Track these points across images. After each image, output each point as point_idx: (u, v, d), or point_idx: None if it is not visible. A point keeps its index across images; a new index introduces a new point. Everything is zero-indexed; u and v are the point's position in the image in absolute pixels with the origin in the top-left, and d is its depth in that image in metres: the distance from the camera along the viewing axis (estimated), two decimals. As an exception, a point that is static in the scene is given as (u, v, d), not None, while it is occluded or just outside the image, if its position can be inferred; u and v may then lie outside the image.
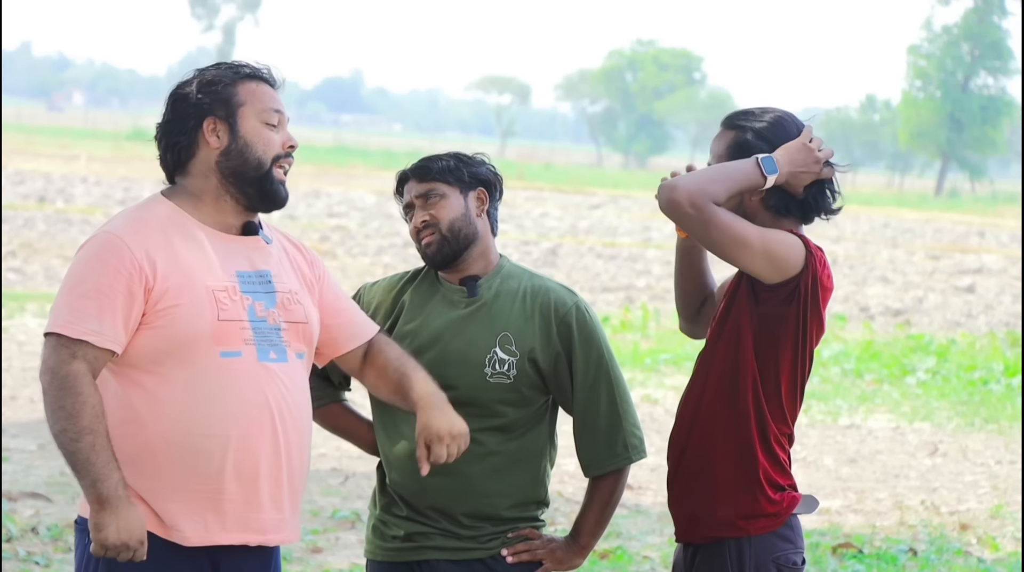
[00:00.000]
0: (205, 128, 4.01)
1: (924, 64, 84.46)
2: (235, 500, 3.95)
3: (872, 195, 74.56)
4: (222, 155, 4.00)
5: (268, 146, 4.04)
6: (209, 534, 3.94)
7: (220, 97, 4.01)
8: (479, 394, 4.45)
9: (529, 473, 4.52)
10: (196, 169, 4.03)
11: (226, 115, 4.01)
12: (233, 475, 3.92)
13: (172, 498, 3.91)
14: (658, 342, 18.01)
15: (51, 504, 9.08)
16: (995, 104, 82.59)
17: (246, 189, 4.02)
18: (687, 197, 4.17)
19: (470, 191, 4.53)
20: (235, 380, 3.92)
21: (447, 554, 4.49)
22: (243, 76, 4.05)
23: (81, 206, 31.80)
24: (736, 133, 4.38)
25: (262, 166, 4.02)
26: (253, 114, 4.03)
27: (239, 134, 4.01)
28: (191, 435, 3.89)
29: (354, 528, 8.96)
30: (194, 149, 4.02)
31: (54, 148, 57.00)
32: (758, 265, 4.22)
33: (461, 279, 4.54)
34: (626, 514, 9.69)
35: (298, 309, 4.07)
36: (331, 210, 34.01)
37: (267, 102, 4.05)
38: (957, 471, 11.91)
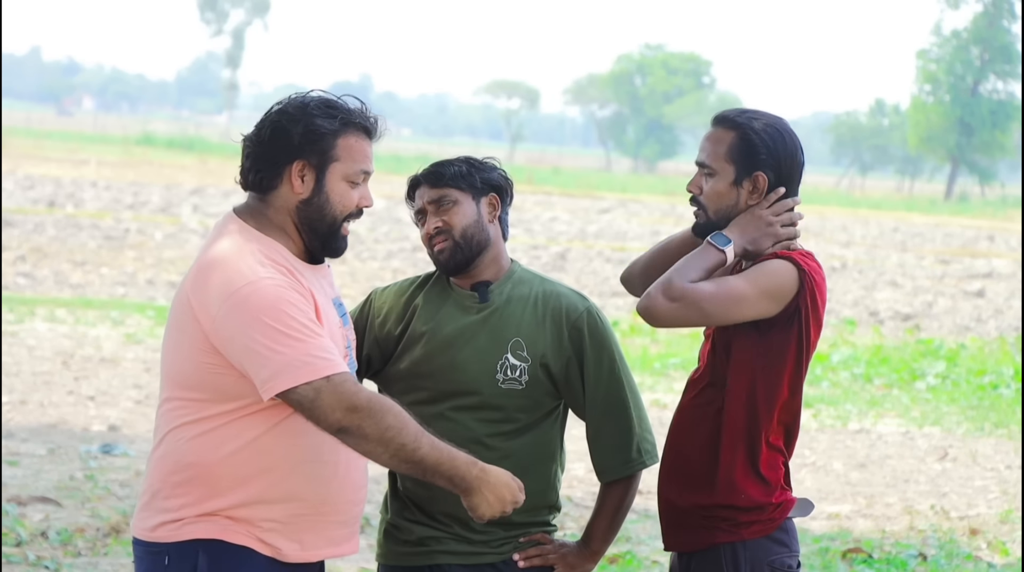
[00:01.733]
0: (294, 169, 3.99)
1: (933, 68, 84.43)
2: (331, 520, 4.06)
3: (881, 199, 74.53)
4: (302, 203, 4.01)
5: (345, 206, 4.05)
6: (304, 553, 4.03)
7: (319, 147, 3.99)
8: (491, 400, 4.45)
9: (540, 478, 4.52)
10: (277, 202, 4.02)
11: (318, 164, 4.00)
12: (334, 498, 4.03)
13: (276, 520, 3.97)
14: (667, 346, 18.00)
15: (61, 508, 9.09)
16: (1005, 108, 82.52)
17: (313, 240, 4.04)
18: (663, 295, 4.18)
19: (482, 197, 4.53)
20: None
21: (459, 558, 4.50)
22: (349, 128, 4.02)
23: (91, 210, 31.82)
24: (737, 133, 4.36)
25: (335, 224, 4.05)
26: (342, 173, 4.02)
27: (323, 189, 4.01)
28: (303, 462, 3.97)
29: (364, 532, 8.97)
30: (277, 183, 4.01)
31: (64, 153, 57.07)
32: (761, 309, 4.24)
33: (473, 285, 4.54)
34: (635, 519, 9.69)
35: (351, 325, 4.21)
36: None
37: (359, 162, 4.03)
38: (967, 476, 11.89)
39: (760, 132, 4.34)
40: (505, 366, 4.46)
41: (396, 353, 4.57)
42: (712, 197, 4.36)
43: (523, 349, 4.46)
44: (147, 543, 4.00)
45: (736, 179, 4.34)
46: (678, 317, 4.20)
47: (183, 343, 3.93)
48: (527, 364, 4.46)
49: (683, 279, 4.19)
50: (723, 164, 4.35)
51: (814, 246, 35.27)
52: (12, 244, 24.41)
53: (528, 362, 4.46)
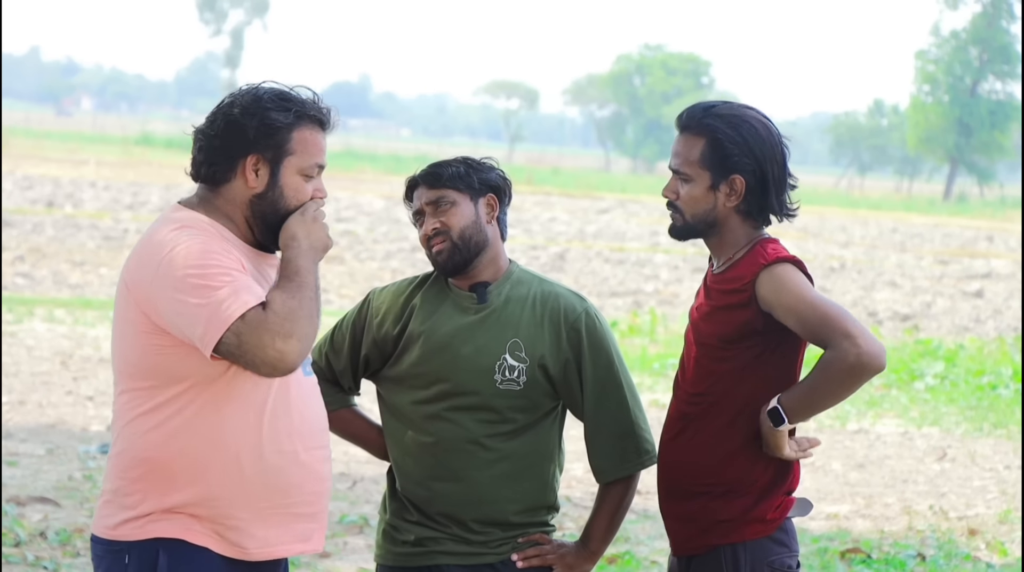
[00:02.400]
0: (248, 163, 3.96)
1: (932, 69, 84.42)
2: (295, 513, 3.99)
3: (880, 200, 74.54)
4: (256, 197, 3.97)
5: (301, 199, 4.00)
6: (269, 548, 3.98)
7: (274, 141, 3.96)
8: (489, 400, 4.45)
9: (538, 478, 4.52)
10: (228, 194, 3.98)
11: (272, 158, 3.97)
12: (296, 490, 3.97)
13: (238, 516, 3.92)
14: (666, 346, 18.00)
15: (59, 509, 9.09)
16: (1003, 108, 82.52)
17: (266, 233, 4.00)
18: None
19: (480, 198, 4.52)
20: (295, 396, 3.96)
21: (457, 559, 4.50)
22: (303, 121, 3.99)
23: (90, 211, 31.82)
24: (706, 139, 4.31)
25: (288, 217, 4.00)
26: (297, 166, 3.99)
27: (278, 183, 3.98)
28: (262, 453, 3.91)
29: (362, 533, 8.97)
30: (230, 176, 3.97)
31: (63, 153, 57.07)
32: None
33: (471, 285, 4.54)
34: (634, 519, 9.69)
35: None
36: (339, 215, 33.99)
37: (314, 155, 4.00)
38: (966, 476, 11.90)
39: (729, 132, 4.29)
40: (503, 367, 4.46)
41: (394, 354, 4.57)
42: (689, 202, 4.34)
43: (521, 350, 4.46)
44: (107, 541, 3.97)
45: (712, 184, 4.31)
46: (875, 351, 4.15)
47: (127, 331, 3.91)
48: (525, 365, 4.46)
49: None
50: (697, 170, 4.32)
51: (813, 246, 35.28)
52: (11, 244, 24.41)
53: (526, 363, 4.46)
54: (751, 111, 4.36)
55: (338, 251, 26.81)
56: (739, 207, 4.32)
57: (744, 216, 4.34)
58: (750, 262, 4.28)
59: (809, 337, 4.20)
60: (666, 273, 27.07)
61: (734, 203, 4.32)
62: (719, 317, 4.31)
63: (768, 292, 4.23)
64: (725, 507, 4.33)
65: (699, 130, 4.32)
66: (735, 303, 4.28)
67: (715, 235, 4.36)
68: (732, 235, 4.35)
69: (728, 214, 4.33)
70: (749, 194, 4.31)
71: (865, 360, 4.11)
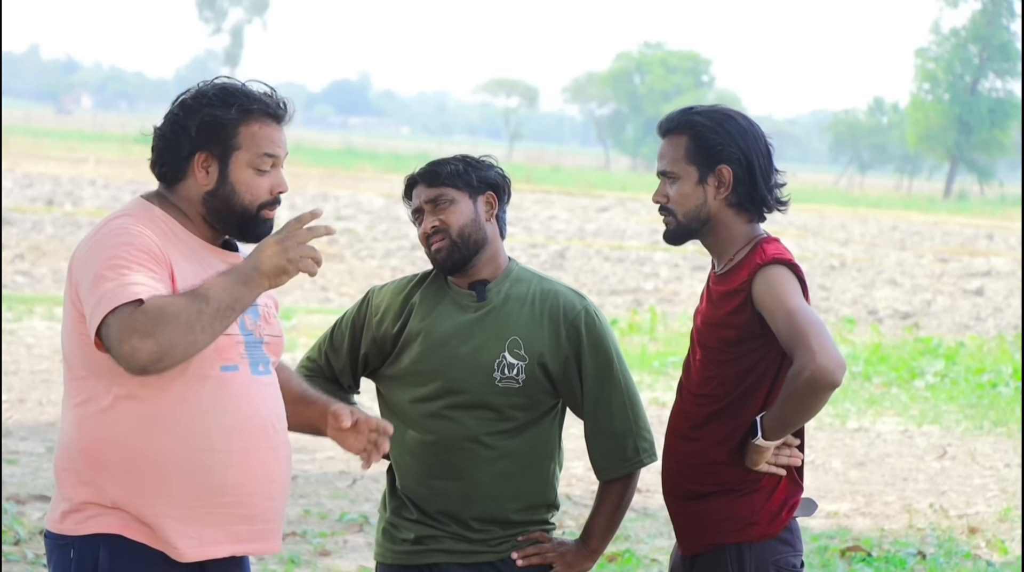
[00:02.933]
0: (196, 161, 3.95)
1: (932, 67, 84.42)
2: (231, 513, 3.93)
3: (880, 198, 74.53)
4: (208, 194, 3.96)
5: (255, 195, 3.97)
6: (203, 548, 3.91)
7: (218, 137, 3.94)
8: (488, 398, 4.45)
9: (538, 476, 4.52)
10: (183, 192, 3.97)
11: (220, 155, 3.94)
12: (231, 489, 3.90)
13: (168, 514, 3.87)
14: (666, 345, 18.00)
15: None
16: (1003, 107, 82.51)
17: (228, 229, 4.00)
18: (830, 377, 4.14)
19: (479, 195, 4.52)
20: (234, 394, 3.90)
21: (457, 557, 4.49)
22: (250, 115, 3.96)
23: (89, 209, 31.82)
24: (689, 134, 4.34)
25: (247, 213, 3.97)
26: (246, 160, 3.95)
27: (228, 179, 3.95)
28: (192, 450, 3.85)
29: (362, 531, 8.96)
30: (182, 175, 3.97)
31: (62, 151, 57.06)
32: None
33: (470, 283, 4.53)
34: (634, 517, 9.69)
35: (276, 323, 4.08)
36: (339, 213, 33.99)
37: (263, 146, 3.96)
38: (966, 474, 11.89)
39: (711, 125, 4.31)
40: (502, 365, 4.46)
41: (394, 352, 4.57)
42: (679, 200, 4.35)
43: (520, 348, 4.46)
44: (55, 535, 3.95)
45: (700, 178, 4.32)
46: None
47: (66, 320, 3.91)
48: (524, 363, 4.45)
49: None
50: (684, 167, 4.34)
51: (812, 244, 35.28)
52: (11, 242, 24.40)
53: (525, 361, 4.45)
54: (729, 109, 4.39)
55: (338, 249, 26.81)
56: (730, 199, 4.32)
57: (737, 209, 4.33)
58: (749, 262, 4.27)
59: (783, 345, 4.19)
60: (666, 271, 27.07)
61: (724, 195, 4.31)
62: (721, 319, 4.30)
63: (759, 293, 4.22)
64: (731, 506, 4.32)
65: (681, 128, 4.35)
66: (735, 305, 4.27)
67: (711, 234, 4.36)
68: (728, 231, 4.34)
69: (720, 208, 4.32)
70: (738, 184, 4.30)
71: (817, 375, 4.06)
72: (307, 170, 53.64)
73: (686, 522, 4.41)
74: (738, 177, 4.30)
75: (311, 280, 22.73)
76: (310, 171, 53.59)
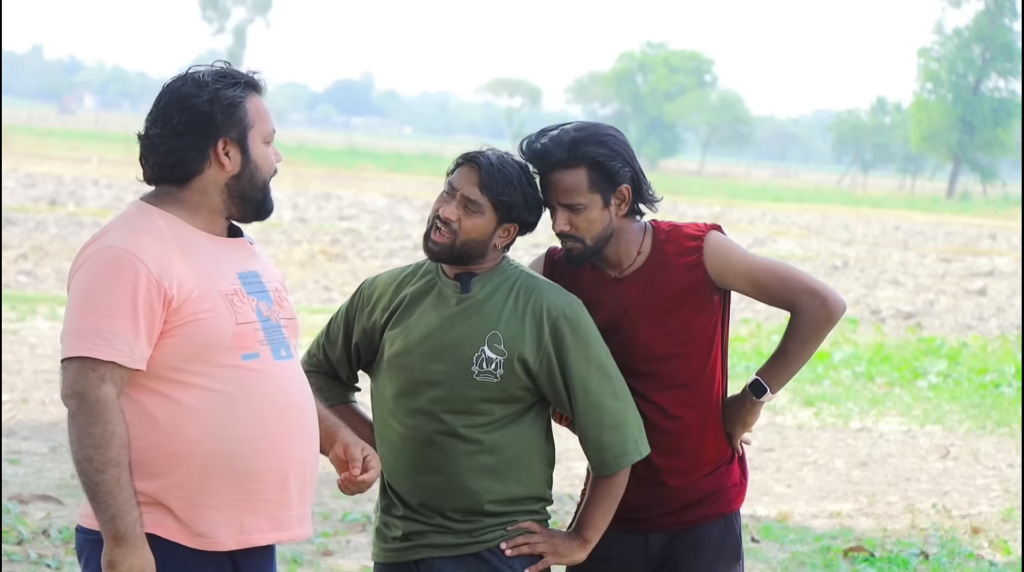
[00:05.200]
0: (218, 148, 3.97)
1: (935, 66, 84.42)
2: (268, 500, 3.97)
3: (883, 198, 74.51)
4: (234, 178, 4.00)
5: (270, 166, 4.06)
6: (245, 536, 3.95)
7: (235, 118, 3.97)
8: (465, 392, 4.43)
9: (522, 470, 4.49)
10: (199, 185, 3.99)
11: (238, 137, 3.98)
12: (266, 475, 3.94)
13: (205, 504, 3.90)
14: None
15: (62, 507, 9.09)
16: (1006, 106, 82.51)
17: (247, 208, 4.05)
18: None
19: (504, 223, 4.49)
20: (258, 381, 3.94)
21: (442, 551, 4.48)
22: (248, 90, 4.01)
23: (92, 209, 31.82)
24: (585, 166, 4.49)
25: (266, 186, 4.06)
26: (260, 135, 4.02)
27: (251, 158, 4.01)
28: (223, 439, 3.89)
29: (364, 531, 8.96)
30: (203, 166, 3.98)
31: (65, 151, 57.08)
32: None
33: (456, 274, 4.52)
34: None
35: (288, 305, 4.12)
36: (342, 213, 33.98)
37: (268, 121, 4.05)
38: (968, 474, 11.89)
39: (603, 150, 4.49)
40: (481, 358, 4.44)
41: (381, 343, 4.57)
42: (587, 227, 4.51)
43: (500, 342, 4.43)
44: (87, 530, 3.99)
45: (605, 202, 4.51)
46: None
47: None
48: (503, 357, 4.42)
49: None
50: (589, 197, 4.49)
51: (815, 244, 35.26)
52: (13, 242, 24.41)
53: (504, 356, 4.42)
54: (599, 124, 4.60)
55: (341, 249, 26.82)
56: (628, 211, 4.57)
57: (630, 216, 4.59)
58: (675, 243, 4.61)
59: (769, 299, 4.55)
60: (669, 271, 27.06)
61: (624, 211, 4.55)
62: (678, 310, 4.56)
63: (715, 263, 4.55)
64: (726, 477, 4.66)
65: (574, 161, 4.49)
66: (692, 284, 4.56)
67: (613, 244, 4.58)
68: (627, 235, 4.59)
69: (621, 222, 4.57)
70: (634, 196, 4.55)
71: (832, 308, 4.50)
72: (310, 170, 53.65)
73: (677, 498, 4.61)
74: (633, 190, 4.55)
75: (314, 280, 22.74)
76: (313, 171, 53.59)
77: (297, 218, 31.79)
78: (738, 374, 16.02)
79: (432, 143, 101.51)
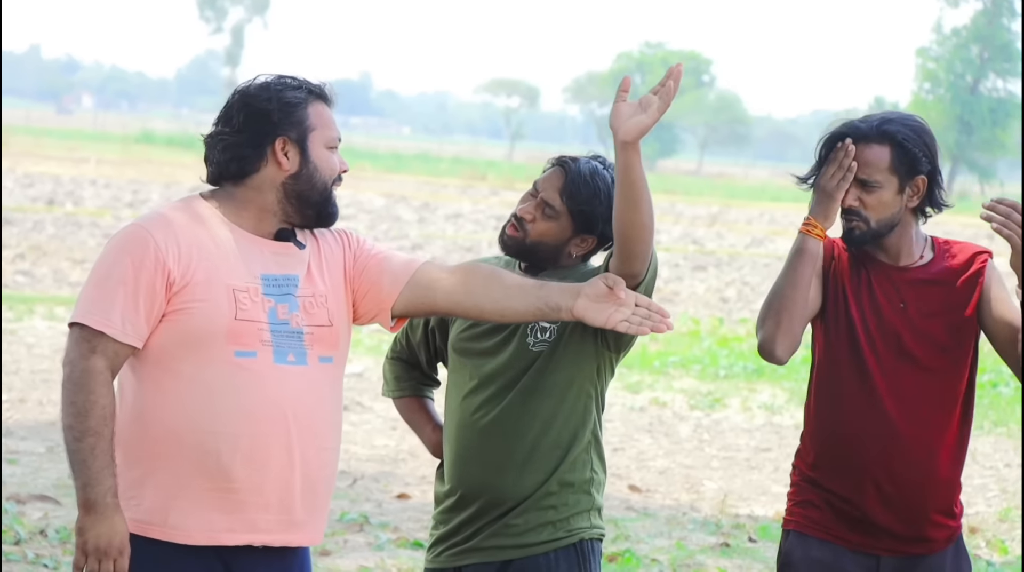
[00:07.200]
0: (277, 147, 4.01)
1: (933, 66, 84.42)
2: (243, 501, 3.94)
3: (881, 198, 74.44)
4: (291, 178, 4.02)
5: (333, 170, 4.08)
6: (215, 534, 3.93)
7: (295, 119, 4.02)
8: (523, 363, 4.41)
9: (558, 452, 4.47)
10: (255, 183, 4.02)
11: (298, 138, 4.02)
12: (241, 474, 3.92)
13: (179, 495, 3.90)
14: (666, 345, 18.01)
15: (60, 507, 9.09)
16: (1004, 106, 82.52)
17: (306, 210, 4.06)
18: None
19: (582, 234, 4.46)
20: (248, 380, 3.92)
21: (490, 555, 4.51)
22: (312, 96, 4.06)
23: (90, 209, 31.83)
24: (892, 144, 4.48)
25: (326, 190, 4.07)
26: (321, 139, 4.05)
27: (310, 159, 4.03)
28: (199, 431, 3.89)
29: (362, 531, 8.96)
30: (260, 164, 4.01)
31: (63, 151, 57.06)
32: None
33: (526, 268, 4.49)
34: (634, 517, 9.69)
35: (321, 312, 4.05)
36: (340, 212, 33.87)
37: (332, 127, 4.08)
38: (966, 474, 11.82)
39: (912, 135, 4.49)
40: (535, 329, 4.42)
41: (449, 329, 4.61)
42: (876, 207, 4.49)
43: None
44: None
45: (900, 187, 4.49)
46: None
47: None
48: (556, 325, 4.40)
49: None
50: (886, 176, 4.46)
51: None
52: (11, 242, 24.41)
53: (557, 323, 4.39)
54: (913, 116, 4.57)
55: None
56: (918, 206, 4.53)
57: (918, 214, 4.56)
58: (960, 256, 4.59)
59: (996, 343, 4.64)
60: (666, 271, 27.07)
61: (915, 203, 4.51)
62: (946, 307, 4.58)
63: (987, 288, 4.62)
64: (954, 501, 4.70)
65: (882, 138, 4.48)
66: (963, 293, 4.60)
67: (896, 235, 4.53)
68: (912, 231, 4.55)
69: (908, 216, 4.53)
70: (927, 192, 4.51)
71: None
72: (308, 170, 53.53)
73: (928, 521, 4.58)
74: (929, 186, 4.51)
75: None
76: (311, 171, 53.54)
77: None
78: (735, 374, 16.04)
79: (430, 143, 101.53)
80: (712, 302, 23.23)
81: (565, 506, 4.43)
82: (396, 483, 10.22)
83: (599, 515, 4.51)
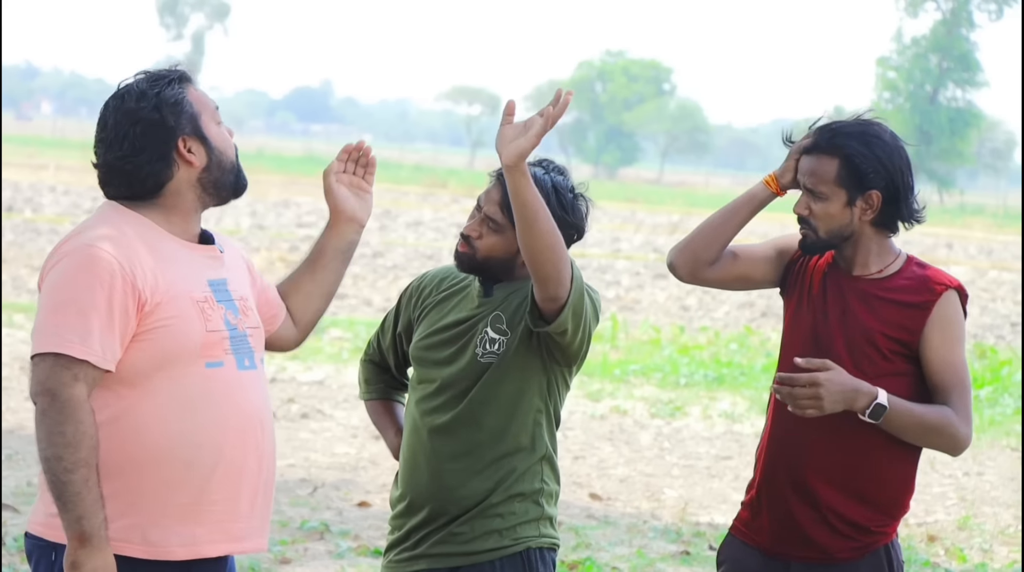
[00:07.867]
0: (181, 149, 3.97)
1: (893, 76, 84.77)
2: (220, 510, 3.94)
3: (841, 206, 74.66)
4: (204, 171, 4.00)
5: (229, 144, 4.07)
6: (197, 547, 3.92)
7: (184, 114, 3.97)
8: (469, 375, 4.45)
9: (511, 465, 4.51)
10: (172, 189, 3.99)
11: (194, 131, 3.98)
12: (220, 484, 3.92)
13: (159, 512, 3.88)
14: (627, 353, 18.02)
15: (18, 515, 9.04)
16: (963, 116, 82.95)
17: (222, 192, 4.05)
18: None
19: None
20: (220, 390, 3.92)
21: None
22: (182, 84, 4.02)
23: (49, 215, 31.68)
24: (840, 158, 4.48)
25: (234, 166, 4.06)
26: (210, 119, 4.03)
27: (212, 145, 4.01)
28: (180, 446, 3.86)
29: (323, 539, 8.94)
30: (172, 171, 3.98)
31: (22, 157, 56.77)
32: None
33: (481, 280, 4.52)
34: (595, 525, 9.69)
35: (253, 315, 4.10)
36: (300, 220, 33.89)
37: (209, 101, 4.05)
38: (925, 483, 11.93)
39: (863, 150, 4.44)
40: (484, 340, 4.44)
41: (413, 336, 4.64)
42: (823, 218, 4.48)
43: (503, 322, 4.43)
44: (37, 537, 3.97)
45: (849, 200, 4.47)
46: None
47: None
48: (506, 337, 4.42)
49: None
50: (832, 189, 4.45)
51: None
52: (-30, 249, 24.27)
53: (507, 335, 4.42)
54: (878, 126, 4.51)
55: (299, 256, 26.73)
56: (875, 221, 4.49)
57: (882, 228, 4.53)
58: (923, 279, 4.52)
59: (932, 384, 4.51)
60: (627, 279, 27.09)
61: (870, 218, 4.47)
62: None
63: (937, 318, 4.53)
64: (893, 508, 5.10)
65: (831, 151, 4.46)
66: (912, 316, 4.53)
67: (851, 246, 4.53)
68: (872, 245, 4.53)
69: (866, 228, 4.50)
70: (886, 207, 4.48)
71: (961, 442, 4.49)
72: (268, 177, 53.50)
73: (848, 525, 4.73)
74: (887, 200, 4.47)
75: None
76: (272, 178, 53.44)
77: (256, 225, 31.68)
78: (696, 383, 16.06)
79: (391, 151, 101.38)
80: (673, 310, 23.25)
81: (512, 515, 4.44)
82: (357, 491, 10.20)
83: (551, 524, 4.51)
